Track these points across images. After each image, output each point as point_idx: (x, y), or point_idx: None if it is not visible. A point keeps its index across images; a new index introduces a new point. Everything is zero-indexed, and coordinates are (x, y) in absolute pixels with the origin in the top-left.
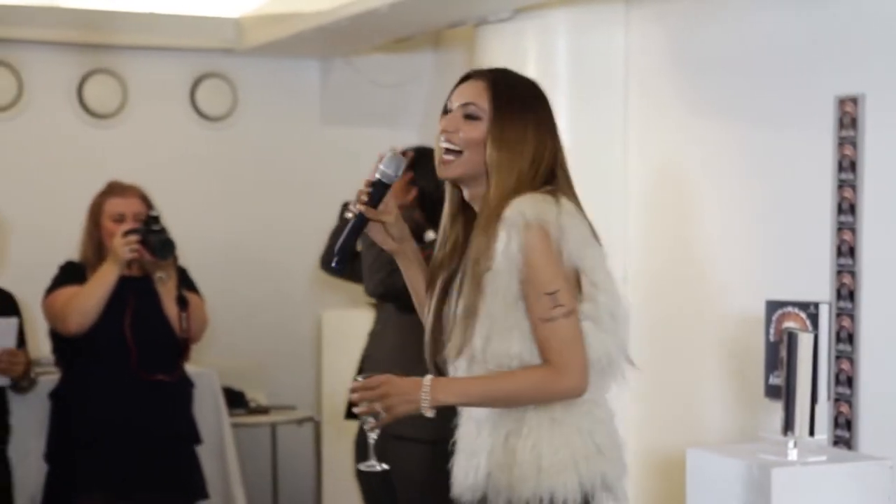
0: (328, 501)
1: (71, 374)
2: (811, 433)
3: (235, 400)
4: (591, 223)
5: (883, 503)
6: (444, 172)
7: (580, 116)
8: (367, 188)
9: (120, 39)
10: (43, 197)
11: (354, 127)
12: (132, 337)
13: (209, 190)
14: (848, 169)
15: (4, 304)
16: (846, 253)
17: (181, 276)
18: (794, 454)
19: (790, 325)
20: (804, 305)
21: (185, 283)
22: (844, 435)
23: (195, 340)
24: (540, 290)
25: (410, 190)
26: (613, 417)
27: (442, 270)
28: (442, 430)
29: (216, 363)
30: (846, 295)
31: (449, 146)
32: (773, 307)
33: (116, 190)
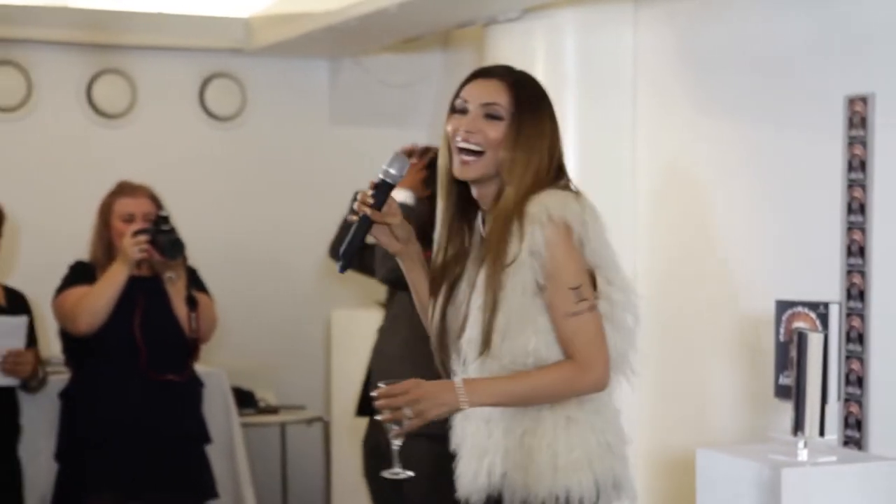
0: (337, 501)
1: (81, 373)
2: (821, 433)
3: (245, 400)
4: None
5: (893, 503)
6: (465, 173)
7: (589, 116)
8: (370, 190)
9: (129, 39)
10: (52, 197)
11: (363, 127)
12: (142, 337)
13: (218, 190)
14: (858, 168)
15: (16, 303)
16: (856, 253)
17: (191, 276)
18: (804, 454)
19: (800, 325)
20: (814, 305)
21: (194, 283)
22: (855, 435)
23: (205, 340)
24: (563, 285)
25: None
26: (619, 415)
27: (448, 270)
28: (449, 425)
29: (226, 363)
30: (856, 295)
31: (470, 147)
32: (782, 307)
33: (126, 190)
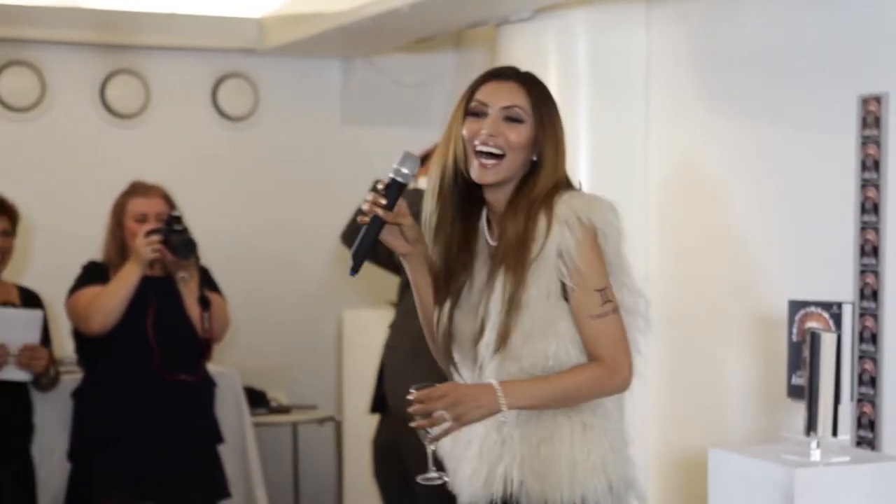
0: (349, 500)
1: (94, 373)
2: (834, 434)
3: (257, 399)
4: None
5: None
6: (485, 177)
7: (601, 116)
8: (381, 190)
9: (142, 40)
10: (65, 197)
11: (376, 127)
12: (154, 337)
13: (231, 190)
14: (871, 168)
15: (30, 303)
16: (869, 252)
17: (203, 276)
18: (817, 455)
19: (813, 325)
20: (827, 305)
21: (207, 283)
22: (868, 435)
23: (217, 340)
24: (590, 286)
25: None
26: (624, 416)
27: (453, 274)
28: None
29: (238, 363)
30: (869, 295)
31: (492, 150)
32: (795, 307)
33: (139, 190)
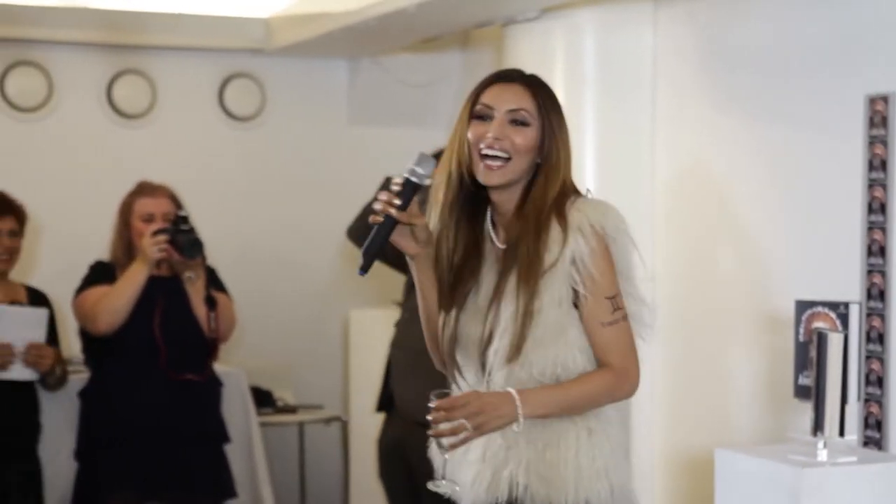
0: (355, 500)
1: (100, 373)
2: (841, 434)
3: (263, 399)
4: None
5: None
6: (490, 179)
7: (608, 116)
8: (396, 190)
9: (149, 40)
10: (73, 197)
11: (382, 127)
12: (161, 336)
13: (237, 190)
14: (878, 168)
15: (38, 303)
16: (876, 252)
17: (210, 275)
18: (823, 455)
19: (820, 325)
20: (834, 305)
21: (213, 282)
22: (875, 436)
23: (224, 340)
24: (602, 294)
25: None
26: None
27: (460, 278)
28: None
29: (244, 363)
30: (876, 295)
31: (498, 154)
32: (802, 307)
33: (146, 190)
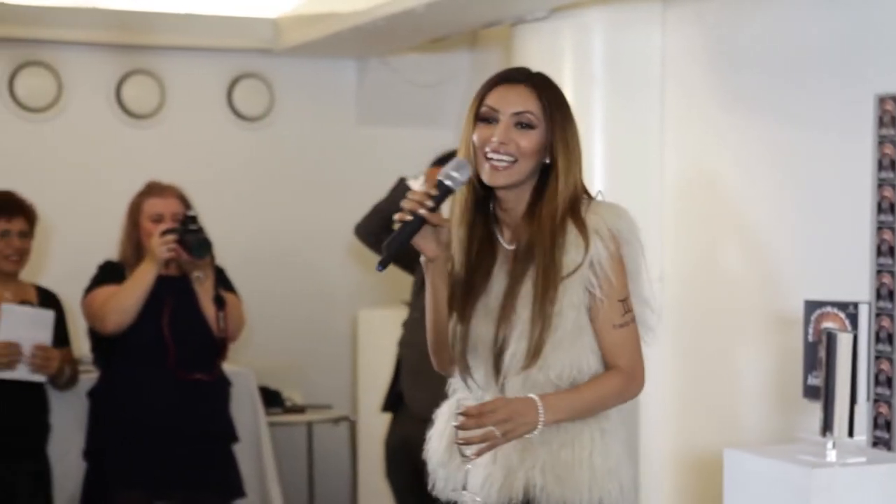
0: (364, 500)
1: (109, 372)
2: (850, 434)
3: (272, 399)
4: None
5: None
6: (496, 179)
7: (617, 116)
8: (431, 191)
9: (158, 40)
10: (81, 197)
11: (391, 127)
12: (170, 336)
13: (246, 190)
14: (888, 168)
15: (48, 303)
16: (886, 252)
17: (218, 275)
18: (832, 455)
19: (829, 325)
20: (843, 305)
21: (222, 282)
22: (884, 436)
23: (232, 340)
24: (616, 296)
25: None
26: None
27: (473, 282)
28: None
29: (253, 362)
30: (886, 295)
31: (503, 158)
32: (811, 307)
33: (155, 190)
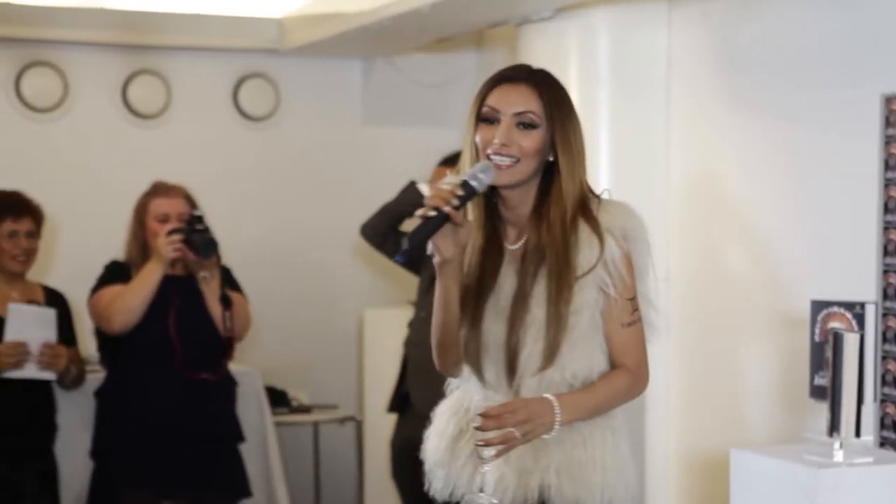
0: (370, 500)
1: (116, 372)
2: (857, 434)
3: (278, 399)
4: None
5: None
6: (500, 179)
7: (622, 115)
8: (458, 190)
9: (164, 40)
10: (88, 197)
11: (396, 127)
12: (176, 336)
13: (252, 189)
14: (894, 167)
15: (55, 303)
16: (892, 252)
17: (224, 275)
18: (839, 455)
19: (836, 325)
20: (850, 305)
21: (228, 282)
22: (891, 436)
23: (239, 339)
24: (625, 296)
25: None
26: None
27: (482, 282)
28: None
29: (259, 362)
30: (892, 295)
31: (505, 160)
32: (818, 307)
33: (161, 190)
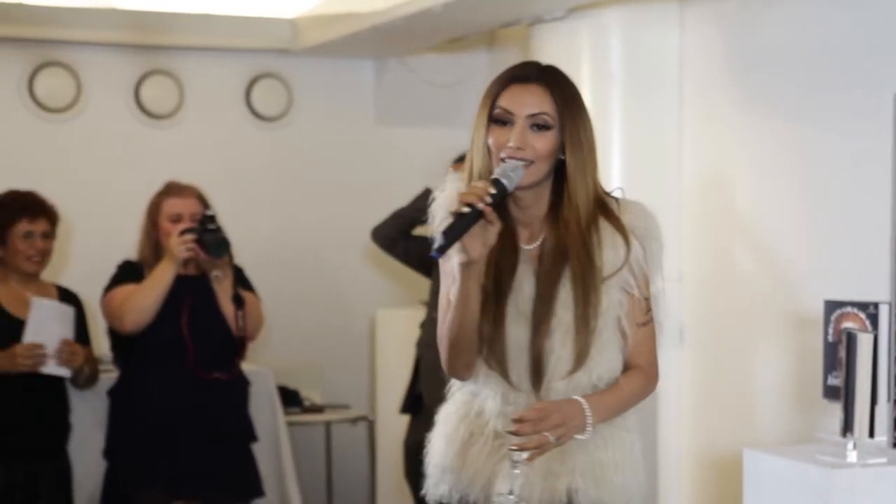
0: (382, 499)
1: (129, 372)
2: (871, 435)
3: (290, 399)
4: None
5: None
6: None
7: (634, 115)
8: (490, 188)
9: (176, 40)
10: (100, 197)
11: (409, 127)
12: (189, 335)
13: (264, 189)
14: None
15: (69, 303)
16: None
17: (237, 274)
18: (853, 456)
19: (849, 325)
20: (863, 305)
21: (240, 281)
22: None
23: (251, 339)
24: (642, 295)
25: None
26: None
27: (500, 284)
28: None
29: (271, 362)
30: None
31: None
32: (831, 307)
33: (174, 190)
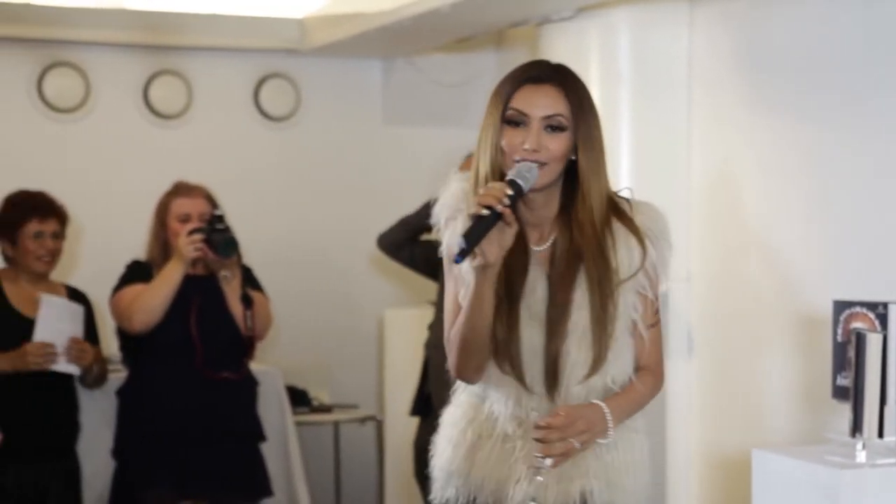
0: (390, 499)
1: (137, 371)
2: (880, 435)
3: (299, 398)
4: None
5: None
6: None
7: (643, 115)
8: (508, 189)
9: (185, 41)
10: (109, 197)
11: (416, 127)
12: (198, 335)
13: (273, 189)
14: None
15: (78, 303)
16: None
17: (245, 274)
18: (862, 456)
19: (858, 325)
20: (873, 305)
21: (249, 281)
22: None
23: (260, 339)
24: (652, 297)
25: None
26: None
27: (512, 286)
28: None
29: (280, 362)
30: None
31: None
32: (840, 307)
33: (183, 190)
